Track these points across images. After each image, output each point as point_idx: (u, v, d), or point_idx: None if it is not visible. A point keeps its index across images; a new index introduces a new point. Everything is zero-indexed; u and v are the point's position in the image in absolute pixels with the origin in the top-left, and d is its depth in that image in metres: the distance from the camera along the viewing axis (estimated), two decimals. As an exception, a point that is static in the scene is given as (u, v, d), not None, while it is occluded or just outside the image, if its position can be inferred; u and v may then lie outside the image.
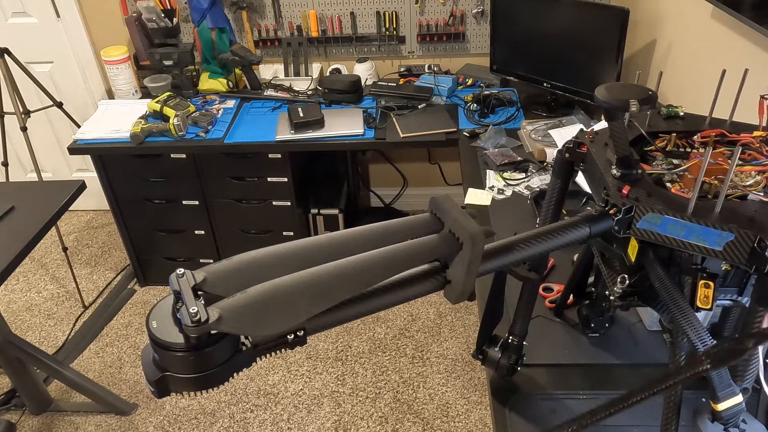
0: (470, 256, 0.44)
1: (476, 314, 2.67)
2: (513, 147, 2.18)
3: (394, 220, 0.47)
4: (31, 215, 1.85)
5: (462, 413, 2.23)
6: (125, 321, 2.73)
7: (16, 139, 2.93)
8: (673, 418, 0.86)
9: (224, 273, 0.38)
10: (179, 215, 2.66)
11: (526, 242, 0.59)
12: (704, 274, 0.85)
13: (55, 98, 2.65)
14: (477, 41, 2.81)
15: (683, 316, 0.80)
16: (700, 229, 0.73)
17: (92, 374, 2.46)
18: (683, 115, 0.97)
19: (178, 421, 2.26)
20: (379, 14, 2.75)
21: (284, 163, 2.47)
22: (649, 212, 0.75)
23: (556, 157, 1.01)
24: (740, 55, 1.68)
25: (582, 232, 0.68)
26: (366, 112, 2.51)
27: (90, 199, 3.14)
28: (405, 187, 3.30)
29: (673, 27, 2.18)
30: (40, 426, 2.27)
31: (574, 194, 1.75)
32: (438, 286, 0.47)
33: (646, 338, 1.30)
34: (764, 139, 0.87)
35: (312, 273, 0.40)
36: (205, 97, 2.70)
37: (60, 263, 3.10)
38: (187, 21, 2.74)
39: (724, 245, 0.73)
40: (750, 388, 0.82)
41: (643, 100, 0.74)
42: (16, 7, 2.84)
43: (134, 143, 2.37)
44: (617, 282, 0.90)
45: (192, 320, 0.35)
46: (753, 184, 0.79)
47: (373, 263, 0.42)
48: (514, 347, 1.13)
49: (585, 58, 2.27)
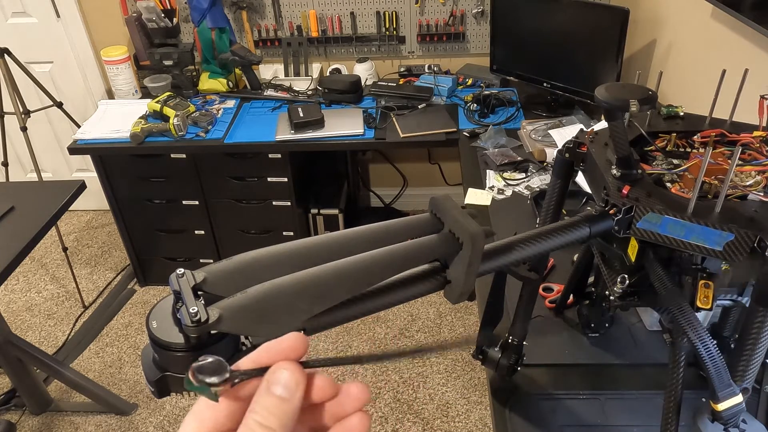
0: (470, 256, 0.44)
1: (476, 314, 2.67)
2: (513, 147, 2.18)
3: (394, 220, 0.47)
4: (31, 215, 1.85)
5: (462, 413, 2.23)
6: (125, 321, 2.73)
7: (16, 139, 2.93)
8: (673, 418, 0.86)
9: (224, 273, 0.38)
10: (179, 215, 2.65)
11: (526, 242, 0.58)
12: (704, 274, 0.85)
13: (55, 98, 2.65)
14: (477, 41, 2.81)
15: (683, 316, 0.80)
16: (700, 229, 0.73)
17: (92, 374, 2.45)
18: (683, 115, 0.96)
19: (178, 421, 2.26)
20: (379, 14, 2.75)
21: (284, 163, 2.47)
22: (649, 212, 0.75)
23: (556, 157, 1.01)
24: (740, 55, 1.68)
25: (582, 232, 0.68)
26: (366, 112, 2.50)
27: (90, 199, 3.14)
28: (405, 187, 3.30)
29: (673, 27, 2.18)
30: (40, 426, 2.27)
31: (574, 194, 1.75)
32: (438, 286, 0.47)
33: (646, 338, 1.30)
34: (764, 139, 0.87)
35: (312, 273, 0.40)
36: (205, 97, 2.70)
37: (60, 263, 3.10)
38: (187, 21, 2.74)
39: (724, 245, 0.73)
40: (750, 388, 0.82)
41: (643, 100, 0.74)
42: (16, 7, 2.84)
43: (134, 143, 2.37)
44: (617, 282, 0.90)
45: (192, 320, 0.35)
46: (753, 184, 0.79)
47: (373, 263, 0.42)
48: (514, 347, 1.13)
49: (585, 58, 2.27)
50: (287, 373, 0.33)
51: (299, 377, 0.34)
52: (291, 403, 0.33)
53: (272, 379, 0.33)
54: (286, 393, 0.33)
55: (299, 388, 0.34)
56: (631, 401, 1.16)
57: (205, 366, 0.32)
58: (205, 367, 0.32)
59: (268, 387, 0.33)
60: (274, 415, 0.32)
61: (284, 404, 0.33)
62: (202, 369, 0.32)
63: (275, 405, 0.33)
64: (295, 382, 0.34)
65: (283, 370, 0.34)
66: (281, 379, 0.33)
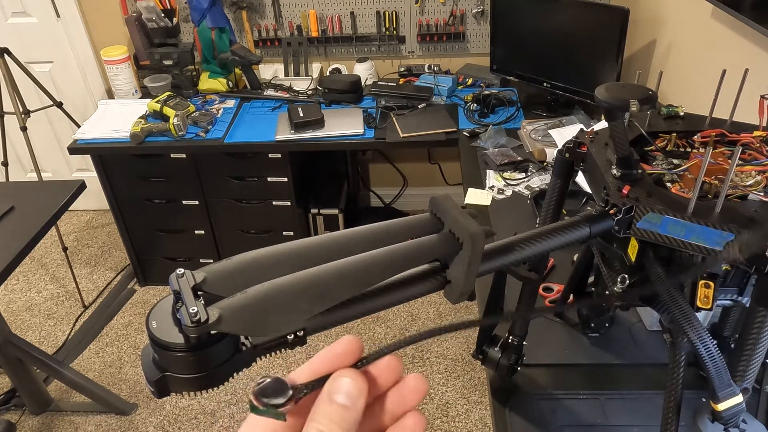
0: (470, 256, 0.44)
1: (476, 314, 2.66)
2: (513, 147, 2.17)
3: (394, 220, 0.47)
4: (31, 215, 1.85)
5: (462, 413, 2.23)
6: (125, 321, 2.73)
7: (16, 139, 2.93)
8: (673, 418, 0.86)
9: (224, 273, 0.38)
10: (179, 215, 2.65)
11: (526, 242, 0.58)
12: (704, 274, 0.85)
13: (55, 98, 2.65)
14: (477, 41, 2.81)
15: (683, 316, 0.80)
16: (700, 229, 0.73)
17: (92, 374, 2.45)
18: (683, 115, 0.96)
19: (178, 421, 2.26)
20: (379, 14, 2.75)
21: (284, 163, 2.46)
22: (649, 212, 0.75)
23: (556, 157, 1.00)
24: (740, 55, 1.68)
25: (582, 232, 0.68)
26: (366, 112, 2.50)
27: (90, 199, 3.14)
28: (405, 187, 3.30)
29: (673, 27, 2.18)
30: (40, 426, 2.27)
31: (574, 194, 1.75)
32: (438, 286, 0.47)
33: (646, 338, 1.30)
34: (764, 139, 0.87)
35: (312, 273, 0.40)
36: (205, 97, 2.70)
37: (60, 263, 3.10)
38: (187, 21, 2.74)
39: (724, 245, 0.72)
40: (750, 388, 0.82)
41: (643, 100, 0.74)
42: (16, 7, 2.84)
43: (134, 143, 2.37)
44: (617, 282, 0.90)
45: (192, 320, 0.35)
46: (753, 184, 0.79)
47: (373, 263, 0.42)
48: (514, 347, 1.13)
49: (585, 58, 2.27)
50: (349, 381, 0.33)
51: (361, 384, 0.33)
52: (354, 410, 0.33)
53: (333, 388, 0.33)
54: (349, 401, 0.33)
55: (362, 394, 0.33)
56: (631, 401, 1.16)
57: (267, 387, 0.31)
58: (267, 388, 0.31)
59: (330, 396, 0.33)
60: (337, 424, 0.32)
61: (347, 412, 0.32)
62: (266, 392, 0.31)
63: (338, 414, 0.32)
64: (358, 390, 0.33)
65: (344, 378, 0.33)
66: (342, 387, 0.33)
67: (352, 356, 0.35)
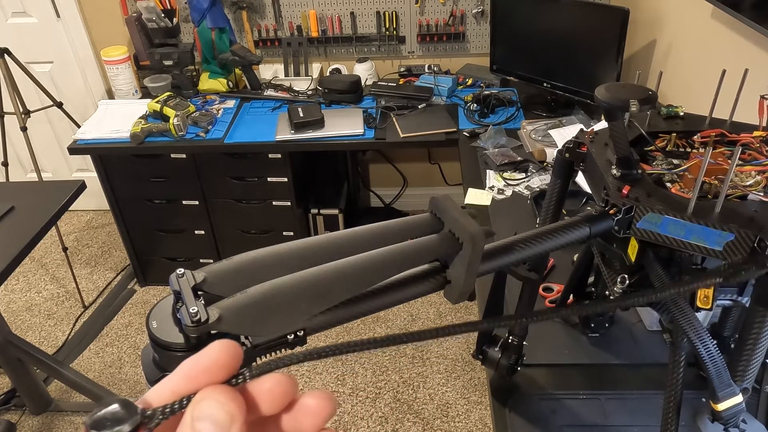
0: (470, 256, 0.44)
1: (476, 314, 2.66)
2: (513, 147, 2.17)
3: (394, 220, 0.47)
4: (31, 215, 1.85)
5: (462, 413, 2.23)
6: (125, 321, 2.73)
7: (16, 139, 2.93)
8: (673, 418, 0.86)
9: (224, 273, 0.38)
10: (179, 215, 2.65)
11: (526, 242, 0.58)
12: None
13: (55, 98, 2.65)
14: (477, 41, 2.81)
15: (683, 316, 0.80)
16: (700, 229, 0.73)
17: (92, 374, 2.45)
18: (683, 115, 0.96)
19: (178, 421, 2.26)
20: (379, 14, 2.75)
21: (284, 163, 2.46)
22: (649, 212, 0.75)
23: (556, 157, 1.00)
24: (740, 55, 1.68)
25: (582, 232, 0.68)
26: (366, 112, 2.50)
27: (90, 199, 3.14)
28: (405, 187, 3.30)
29: (673, 27, 2.18)
30: (40, 426, 2.27)
31: (574, 194, 1.75)
32: (438, 286, 0.47)
33: (646, 338, 1.30)
34: (764, 139, 0.87)
35: (312, 273, 0.40)
36: (205, 97, 2.70)
37: (60, 263, 3.10)
38: (187, 21, 2.74)
39: (724, 245, 0.73)
40: (750, 388, 0.82)
41: (643, 100, 0.74)
42: (16, 7, 2.84)
43: (134, 143, 2.37)
44: (617, 282, 0.90)
45: (192, 320, 0.35)
46: (753, 184, 0.79)
47: (373, 263, 0.42)
48: (514, 347, 1.13)
49: (585, 58, 2.27)
50: (215, 405, 0.26)
51: (232, 407, 0.26)
52: None
53: (196, 413, 0.26)
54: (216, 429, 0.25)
55: (234, 421, 0.26)
56: (631, 401, 1.16)
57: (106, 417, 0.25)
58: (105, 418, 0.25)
59: (192, 423, 0.25)
60: None
61: None
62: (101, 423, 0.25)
63: None
64: (228, 416, 0.26)
65: (210, 400, 0.26)
66: (207, 412, 0.26)
67: (225, 370, 0.27)
